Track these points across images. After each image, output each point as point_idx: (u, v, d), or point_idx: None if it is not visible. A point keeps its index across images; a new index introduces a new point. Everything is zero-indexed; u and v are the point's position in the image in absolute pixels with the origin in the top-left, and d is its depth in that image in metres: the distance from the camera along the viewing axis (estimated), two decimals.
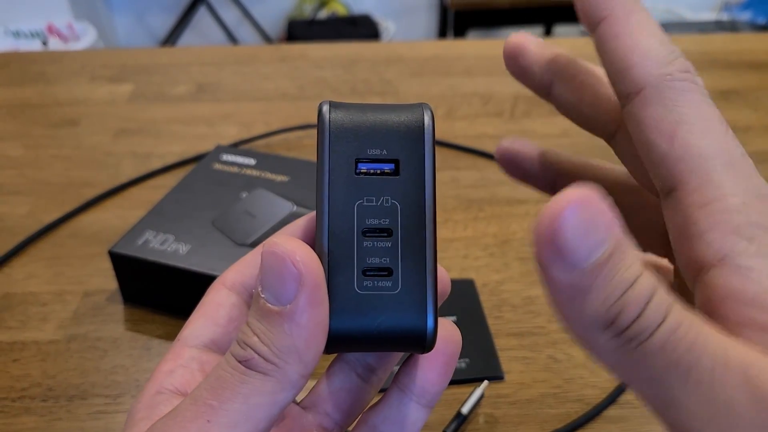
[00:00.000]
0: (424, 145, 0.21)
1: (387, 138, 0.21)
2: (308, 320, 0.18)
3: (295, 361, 0.18)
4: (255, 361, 0.18)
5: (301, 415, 0.23)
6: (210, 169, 0.51)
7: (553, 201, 0.14)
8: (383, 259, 0.20)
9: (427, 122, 0.21)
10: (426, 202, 0.20)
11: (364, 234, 0.20)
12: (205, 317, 0.22)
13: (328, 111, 0.21)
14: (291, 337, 0.18)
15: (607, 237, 0.14)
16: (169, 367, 0.21)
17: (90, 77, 0.78)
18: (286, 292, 0.18)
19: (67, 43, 1.78)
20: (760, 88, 0.76)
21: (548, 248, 0.14)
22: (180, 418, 0.18)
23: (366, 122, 0.21)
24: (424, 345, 0.20)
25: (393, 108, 0.21)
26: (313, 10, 2.33)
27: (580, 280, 0.14)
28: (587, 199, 0.14)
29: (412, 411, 0.22)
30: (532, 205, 0.56)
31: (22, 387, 0.40)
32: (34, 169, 0.61)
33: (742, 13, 2.25)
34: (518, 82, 0.24)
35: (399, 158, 0.21)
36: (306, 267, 0.18)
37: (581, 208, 0.14)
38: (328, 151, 0.21)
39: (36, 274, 0.49)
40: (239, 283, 0.23)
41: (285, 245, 0.18)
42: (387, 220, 0.20)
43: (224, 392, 0.18)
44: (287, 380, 0.18)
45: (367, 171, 0.21)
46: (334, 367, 0.23)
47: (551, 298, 0.15)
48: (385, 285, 0.20)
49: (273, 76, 0.78)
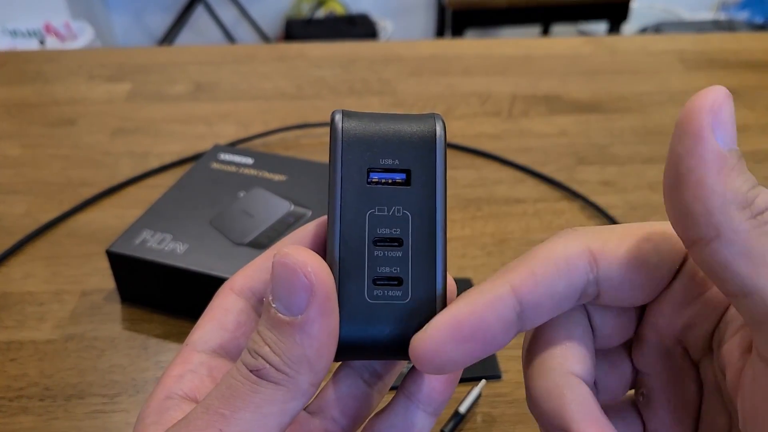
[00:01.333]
0: (436, 155, 0.21)
1: (399, 148, 0.21)
2: (319, 330, 0.18)
3: (306, 370, 0.18)
4: (266, 370, 0.18)
5: (308, 420, 0.23)
6: (208, 168, 0.51)
7: (709, 90, 0.16)
8: (394, 269, 0.20)
9: (439, 133, 0.21)
10: (437, 213, 0.21)
11: (375, 243, 0.20)
12: (214, 322, 0.22)
13: (341, 120, 0.21)
14: (302, 347, 0.18)
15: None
16: (178, 371, 0.21)
17: (87, 76, 0.78)
18: (298, 302, 0.18)
19: (65, 43, 1.77)
20: (758, 88, 0.76)
21: (712, 117, 0.16)
22: (192, 426, 0.18)
23: (378, 132, 0.21)
24: None
25: (405, 118, 0.21)
26: (311, 9, 2.33)
27: (730, 157, 0.16)
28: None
29: (418, 419, 0.22)
30: (529, 204, 0.56)
31: (19, 386, 0.40)
32: (31, 168, 0.61)
33: (739, 13, 2.25)
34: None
35: (411, 168, 0.21)
36: (317, 278, 0.18)
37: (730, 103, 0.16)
38: (341, 160, 0.21)
39: (33, 274, 0.49)
40: (247, 288, 0.23)
41: (296, 256, 0.18)
42: (398, 230, 0.20)
43: (236, 401, 0.18)
44: (298, 389, 0.18)
45: (378, 180, 0.21)
46: (340, 373, 0.23)
47: (695, 172, 0.16)
48: (396, 294, 0.20)
49: (271, 76, 0.78)
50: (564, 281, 0.19)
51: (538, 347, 0.21)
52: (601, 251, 0.19)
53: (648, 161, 0.62)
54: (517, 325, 0.19)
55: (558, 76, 0.78)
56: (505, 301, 0.19)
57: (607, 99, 0.73)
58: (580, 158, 0.62)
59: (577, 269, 0.19)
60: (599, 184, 0.59)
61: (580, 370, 0.20)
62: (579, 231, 0.20)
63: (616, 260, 0.19)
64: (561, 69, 0.79)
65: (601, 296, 0.20)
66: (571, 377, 0.19)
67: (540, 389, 0.20)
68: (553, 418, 0.19)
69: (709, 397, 0.20)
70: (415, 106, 0.72)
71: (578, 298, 0.20)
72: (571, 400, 0.19)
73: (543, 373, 0.20)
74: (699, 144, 0.16)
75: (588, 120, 0.69)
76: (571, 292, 0.19)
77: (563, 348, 0.20)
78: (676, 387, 0.21)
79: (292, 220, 0.46)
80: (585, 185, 0.59)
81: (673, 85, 0.76)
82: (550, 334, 0.20)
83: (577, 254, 0.19)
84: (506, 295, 0.19)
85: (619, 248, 0.19)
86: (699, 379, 0.21)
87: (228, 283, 0.23)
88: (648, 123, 0.69)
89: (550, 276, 0.19)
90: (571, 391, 0.19)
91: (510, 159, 0.61)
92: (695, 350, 0.20)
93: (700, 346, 0.20)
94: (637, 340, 0.22)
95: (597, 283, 0.19)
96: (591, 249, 0.19)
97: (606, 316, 0.21)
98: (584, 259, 0.19)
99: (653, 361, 0.21)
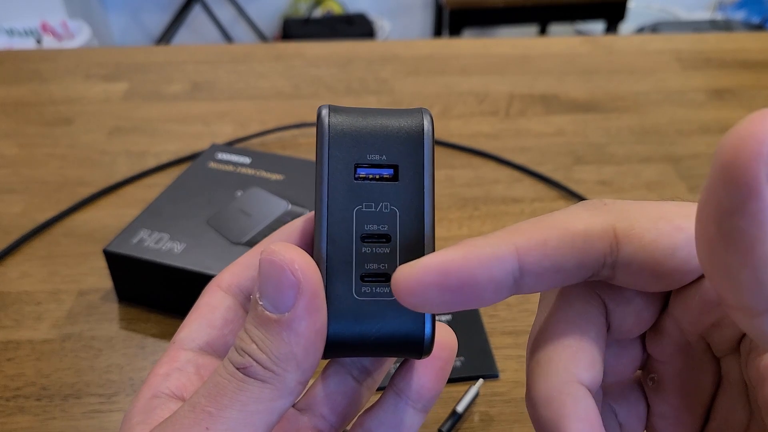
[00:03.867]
0: (424, 150, 0.21)
1: (386, 143, 0.21)
2: (306, 328, 0.18)
3: (293, 368, 0.18)
4: (253, 368, 0.18)
5: (296, 417, 0.23)
6: (205, 167, 0.51)
7: (760, 118, 0.12)
8: (381, 265, 0.20)
9: (426, 128, 0.21)
10: (425, 209, 0.20)
11: (363, 240, 0.20)
12: (201, 320, 0.22)
13: (328, 115, 0.21)
14: (289, 345, 0.18)
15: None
16: (165, 370, 0.21)
17: (84, 75, 0.77)
18: (285, 300, 0.18)
19: (62, 42, 1.77)
20: (755, 87, 0.76)
21: (765, 166, 0.12)
22: (178, 425, 0.18)
23: (365, 127, 0.21)
24: (422, 351, 0.20)
25: (392, 113, 0.21)
26: (309, 8, 2.32)
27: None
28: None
29: (407, 415, 0.22)
30: (526, 204, 0.56)
31: (16, 386, 0.40)
32: (28, 167, 0.61)
33: (736, 13, 2.26)
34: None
35: (398, 164, 0.21)
36: (304, 275, 0.18)
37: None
38: (327, 156, 0.20)
39: (30, 273, 0.49)
40: (234, 285, 0.23)
41: (284, 254, 0.18)
42: (386, 226, 0.20)
43: (222, 399, 0.18)
44: (285, 387, 0.18)
45: (366, 176, 0.21)
46: (329, 370, 0.23)
47: (746, 235, 0.13)
48: (384, 291, 0.20)
49: (268, 75, 0.78)
50: (576, 259, 0.17)
51: (546, 342, 0.19)
52: (627, 235, 0.17)
53: (645, 161, 0.62)
54: (511, 290, 0.17)
55: (555, 76, 0.78)
56: (504, 264, 0.17)
57: (604, 98, 0.73)
58: (577, 158, 0.63)
59: (595, 250, 0.17)
60: (596, 183, 0.59)
61: (587, 378, 0.18)
62: (608, 205, 0.18)
63: (641, 248, 0.17)
64: (558, 68, 0.80)
65: (616, 279, 0.18)
66: (576, 386, 0.18)
67: (540, 392, 0.18)
68: (548, 427, 0.17)
69: (729, 391, 0.19)
70: (412, 105, 0.72)
71: (588, 277, 0.18)
72: (572, 413, 0.17)
73: (546, 375, 0.18)
74: (752, 200, 0.12)
75: (585, 119, 0.69)
76: (581, 272, 0.18)
77: (573, 350, 0.18)
78: (691, 377, 0.20)
79: (289, 220, 0.46)
80: (582, 185, 0.59)
81: (670, 85, 0.76)
82: (561, 330, 0.19)
83: (599, 233, 0.17)
84: (508, 257, 0.17)
85: (647, 234, 0.17)
86: (717, 372, 0.19)
87: (215, 280, 0.23)
88: (645, 122, 0.69)
89: (563, 250, 0.17)
90: (573, 403, 0.17)
91: (507, 158, 0.61)
92: (719, 349, 0.19)
93: (727, 346, 0.18)
94: (654, 329, 0.20)
95: (613, 266, 0.18)
96: (616, 229, 0.17)
97: (627, 312, 0.19)
98: (606, 240, 0.17)
99: (670, 351, 0.20)
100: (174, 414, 0.18)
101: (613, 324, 0.19)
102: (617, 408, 0.21)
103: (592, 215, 0.18)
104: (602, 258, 0.18)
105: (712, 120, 0.69)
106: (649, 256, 0.17)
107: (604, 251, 0.17)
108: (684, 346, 0.19)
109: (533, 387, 0.18)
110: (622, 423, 0.21)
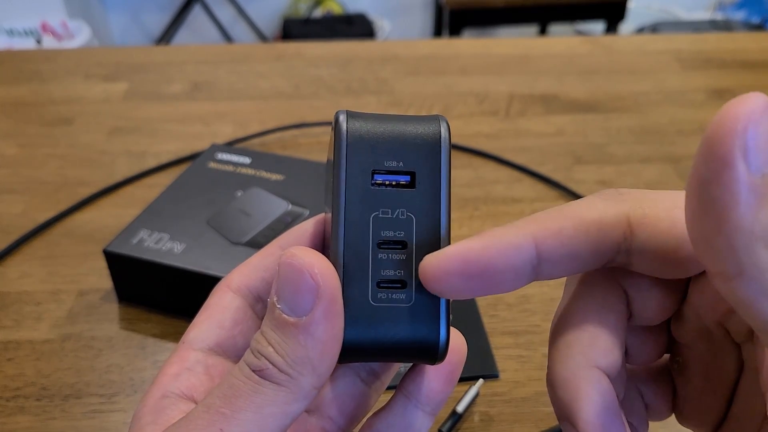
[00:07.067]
0: (441, 158, 0.21)
1: (403, 150, 0.21)
2: (323, 332, 0.18)
3: (309, 372, 0.18)
4: (269, 371, 0.18)
5: (305, 419, 0.23)
6: (205, 167, 0.51)
7: (743, 100, 0.14)
8: (397, 272, 0.20)
9: (444, 135, 0.21)
10: (441, 216, 0.20)
11: (379, 246, 0.20)
12: (210, 320, 0.22)
13: (346, 120, 0.21)
14: (306, 349, 0.18)
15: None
16: (175, 370, 0.21)
17: (84, 76, 0.77)
18: (303, 304, 0.18)
19: (62, 42, 1.77)
20: (754, 87, 0.76)
21: (744, 135, 0.13)
22: (192, 425, 0.18)
23: (383, 133, 0.21)
24: (436, 357, 0.20)
25: (410, 119, 0.21)
26: (309, 8, 2.33)
27: (762, 185, 0.14)
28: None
29: (416, 418, 0.22)
30: (526, 204, 0.56)
31: (16, 386, 0.40)
32: (28, 167, 0.61)
33: (736, 13, 2.26)
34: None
35: (415, 170, 0.21)
36: (324, 280, 0.18)
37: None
38: (345, 162, 0.20)
39: (30, 273, 0.49)
40: (244, 286, 0.23)
41: (303, 257, 0.18)
42: (402, 233, 0.20)
43: (237, 401, 0.18)
44: (300, 391, 0.18)
45: (383, 182, 0.21)
46: (338, 372, 0.23)
47: (718, 203, 0.14)
48: (399, 297, 0.20)
49: (268, 75, 0.78)
50: (591, 247, 0.18)
51: (566, 328, 0.20)
52: (640, 223, 0.18)
53: (645, 161, 0.62)
54: (530, 276, 0.18)
55: (555, 76, 0.78)
56: (523, 253, 0.18)
57: (604, 98, 0.73)
58: (577, 158, 0.63)
59: (609, 238, 0.18)
60: (596, 183, 0.59)
61: (604, 363, 0.19)
62: (623, 195, 0.19)
63: (655, 236, 0.18)
64: (558, 68, 0.80)
65: (633, 265, 0.19)
66: (593, 371, 0.19)
67: (558, 375, 0.19)
68: (564, 408, 0.19)
69: (749, 377, 0.20)
70: (412, 105, 0.72)
71: (604, 264, 0.19)
72: (587, 396, 0.18)
73: (565, 359, 0.19)
74: (725, 170, 0.14)
75: (585, 119, 0.69)
76: (596, 259, 0.19)
77: (592, 336, 0.19)
78: (714, 362, 0.20)
79: (289, 220, 0.46)
80: (582, 185, 0.59)
81: (670, 85, 0.76)
82: (581, 317, 0.20)
83: (613, 222, 0.18)
84: (526, 245, 0.18)
85: (660, 222, 0.18)
86: (739, 358, 0.20)
87: (225, 280, 0.23)
88: (645, 122, 0.69)
89: (578, 239, 0.18)
90: (589, 387, 0.18)
91: (507, 158, 0.61)
92: (737, 335, 0.19)
93: (743, 332, 0.19)
94: (677, 315, 0.20)
95: (629, 253, 0.18)
96: (630, 218, 0.18)
97: (647, 299, 0.20)
98: (619, 229, 0.18)
99: (692, 336, 0.20)
100: (188, 415, 0.18)
101: (634, 311, 0.20)
102: (644, 390, 0.22)
103: (607, 204, 0.19)
104: (616, 245, 0.18)
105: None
106: (663, 243, 0.18)
107: (618, 239, 0.18)
108: (705, 332, 0.20)
109: (552, 370, 0.19)
110: (649, 404, 0.22)
